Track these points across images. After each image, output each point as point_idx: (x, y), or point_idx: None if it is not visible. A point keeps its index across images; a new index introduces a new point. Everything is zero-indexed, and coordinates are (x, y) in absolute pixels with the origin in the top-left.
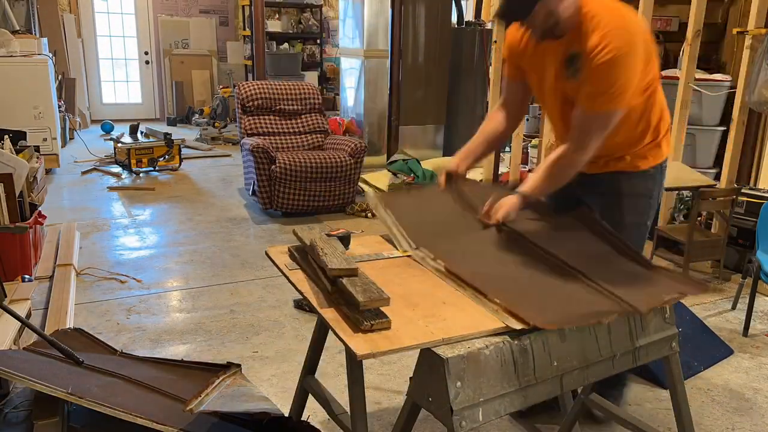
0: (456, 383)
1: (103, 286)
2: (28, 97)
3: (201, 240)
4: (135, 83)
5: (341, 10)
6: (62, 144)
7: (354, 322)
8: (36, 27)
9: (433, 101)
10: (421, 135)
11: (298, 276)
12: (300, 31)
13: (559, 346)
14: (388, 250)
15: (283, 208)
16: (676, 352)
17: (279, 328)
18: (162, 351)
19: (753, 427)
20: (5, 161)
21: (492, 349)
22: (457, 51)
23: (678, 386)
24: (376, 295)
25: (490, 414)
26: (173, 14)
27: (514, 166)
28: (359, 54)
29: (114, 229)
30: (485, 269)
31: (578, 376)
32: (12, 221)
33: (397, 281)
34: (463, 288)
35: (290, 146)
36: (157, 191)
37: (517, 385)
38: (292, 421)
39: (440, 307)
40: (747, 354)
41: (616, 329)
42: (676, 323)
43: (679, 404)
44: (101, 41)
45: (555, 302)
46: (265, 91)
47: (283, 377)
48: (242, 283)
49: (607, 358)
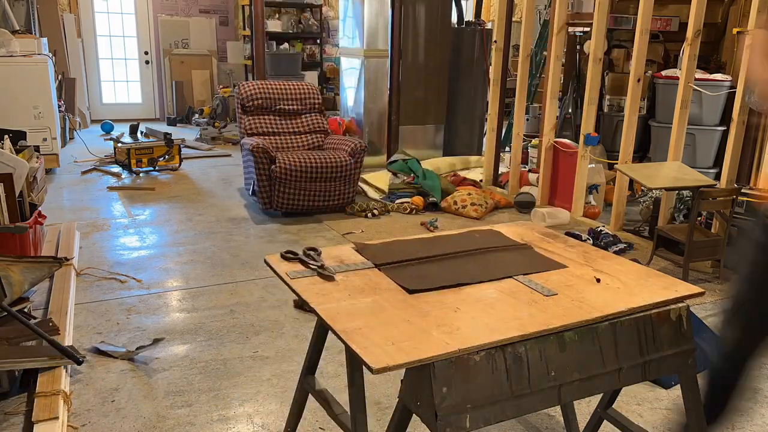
0: (442, 388)
1: (103, 286)
2: (28, 97)
3: (201, 240)
4: (135, 83)
5: (341, 10)
6: (62, 144)
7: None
8: (36, 27)
9: (433, 101)
10: (421, 135)
11: (299, 284)
12: (300, 31)
13: (557, 355)
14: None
15: (283, 208)
16: (693, 368)
17: (279, 328)
18: (162, 351)
19: (753, 427)
20: (5, 161)
21: (483, 356)
22: (457, 51)
23: (694, 405)
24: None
25: (479, 421)
26: (173, 14)
27: (514, 166)
28: (359, 54)
29: (114, 229)
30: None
31: (579, 388)
32: (12, 221)
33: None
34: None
35: (290, 146)
36: (157, 191)
37: (509, 394)
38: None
39: (452, 315)
40: None
41: (624, 341)
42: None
43: (695, 425)
44: (101, 41)
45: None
46: (265, 91)
47: (283, 377)
48: (242, 283)
49: (612, 371)
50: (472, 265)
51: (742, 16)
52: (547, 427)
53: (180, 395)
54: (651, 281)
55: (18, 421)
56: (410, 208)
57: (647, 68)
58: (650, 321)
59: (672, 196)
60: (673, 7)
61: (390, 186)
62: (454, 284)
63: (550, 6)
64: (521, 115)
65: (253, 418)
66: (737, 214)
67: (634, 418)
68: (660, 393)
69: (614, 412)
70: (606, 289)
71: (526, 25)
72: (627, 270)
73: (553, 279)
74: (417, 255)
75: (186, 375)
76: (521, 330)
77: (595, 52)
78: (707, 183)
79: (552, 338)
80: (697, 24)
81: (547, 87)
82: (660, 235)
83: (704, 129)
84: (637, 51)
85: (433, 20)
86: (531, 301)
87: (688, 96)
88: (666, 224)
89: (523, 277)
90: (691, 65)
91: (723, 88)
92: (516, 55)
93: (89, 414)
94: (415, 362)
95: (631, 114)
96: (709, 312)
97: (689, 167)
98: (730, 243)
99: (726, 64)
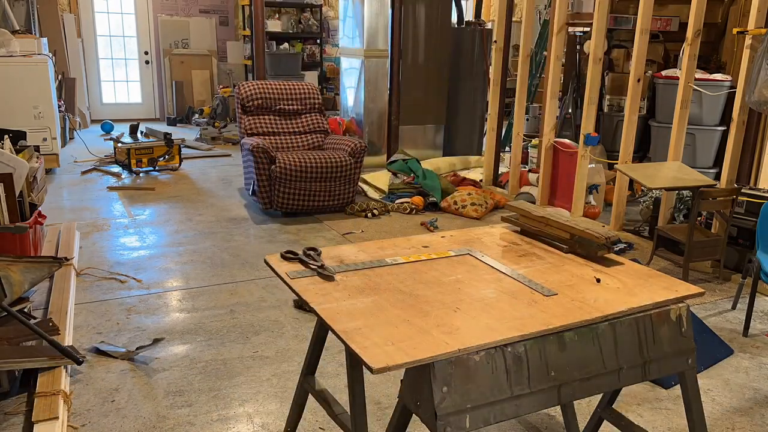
0: (442, 388)
1: (103, 286)
2: (28, 97)
3: (201, 240)
4: (135, 83)
5: (341, 10)
6: (62, 144)
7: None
8: (36, 27)
9: (433, 101)
10: (421, 135)
11: (299, 284)
12: (300, 31)
13: (557, 355)
14: (391, 256)
15: (283, 208)
16: (693, 368)
17: (279, 328)
18: (162, 351)
19: (753, 427)
20: (5, 161)
21: (483, 355)
22: (457, 51)
23: (694, 405)
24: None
25: (479, 421)
26: (173, 14)
27: (514, 166)
28: (359, 54)
29: (114, 229)
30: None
31: (578, 388)
32: (12, 221)
33: (404, 288)
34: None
35: (290, 146)
36: (157, 191)
37: (509, 394)
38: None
39: (452, 315)
40: (747, 354)
41: (624, 341)
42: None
43: (695, 425)
44: (101, 41)
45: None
46: (265, 91)
47: (283, 377)
48: (242, 283)
49: (612, 371)
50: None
51: (742, 16)
52: (547, 427)
53: (180, 395)
54: (651, 281)
55: (18, 421)
56: (410, 208)
57: (647, 68)
58: (650, 321)
59: (672, 196)
60: (673, 7)
61: (390, 186)
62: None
63: (550, 6)
64: (521, 115)
65: (253, 418)
66: (737, 214)
67: (634, 418)
68: (660, 393)
69: (614, 412)
70: (606, 289)
71: (526, 25)
72: (627, 270)
73: (553, 279)
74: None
75: (186, 375)
76: (521, 330)
77: (595, 52)
78: (707, 183)
79: (552, 338)
80: (697, 24)
81: (547, 87)
82: (660, 235)
83: (704, 129)
84: (637, 51)
85: (433, 20)
86: (531, 301)
87: (688, 96)
88: (666, 224)
89: (523, 277)
90: (691, 65)
91: (723, 88)
92: (516, 55)
93: (89, 414)
94: (415, 362)
95: (631, 114)
96: (709, 312)
97: (689, 167)
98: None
99: (726, 64)
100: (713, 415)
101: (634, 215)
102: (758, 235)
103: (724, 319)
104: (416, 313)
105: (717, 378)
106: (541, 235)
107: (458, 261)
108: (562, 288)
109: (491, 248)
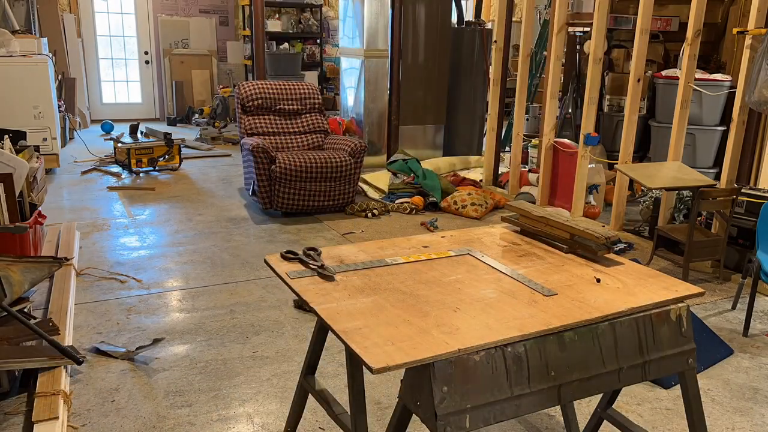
0: (442, 388)
1: (103, 286)
2: (28, 97)
3: (201, 240)
4: (135, 83)
5: (341, 10)
6: (62, 144)
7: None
8: (36, 27)
9: (433, 101)
10: (421, 135)
11: (299, 284)
12: (300, 31)
13: (557, 355)
14: (391, 256)
15: (283, 208)
16: (693, 368)
17: (279, 328)
18: (162, 351)
19: (753, 427)
20: (5, 161)
21: (483, 355)
22: (457, 51)
23: (694, 405)
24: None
25: (479, 421)
26: (173, 14)
27: (514, 166)
28: (359, 54)
29: (114, 229)
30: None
31: (578, 388)
32: (12, 221)
33: (404, 288)
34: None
35: (290, 146)
36: (157, 191)
37: (509, 394)
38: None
39: (452, 315)
40: (747, 354)
41: (624, 341)
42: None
43: (695, 425)
44: (101, 41)
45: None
46: (265, 91)
47: (283, 377)
48: (242, 283)
49: (612, 371)
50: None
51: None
52: (547, 427)
53: (180, 395)
54: (651, 281)
55: (18, 421)
56: (410, 208)
57: (647, 68)
58: (650, 321)
59: (672, 196)
60: (673, 7)
61: (390, 186)
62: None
63: (550, 6)
64: (521, 115)
65: (253, 418)
66: (737, 214)
67: (634, 418)
68: (660, 393)
69: (614, 412)
70: (606, 289)
71: (526, 25)
72: (627, 270)
73: (553, 279)
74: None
75: (186, 375)
76: (521, 330)
77: (595, 52)
78: (707, 183)
79: (552, 338)
80: (697, 24)
81: (547, 87)
82: (660, 235)
83: (704, 129)
84: (637, 51)
85: (433, 20)
86: (531, 301)
87: (688, 96)
88: (666, 224)
89: (523, 277)
90: (691, 65)
91: (723, 88)
92: (516, 55)
93: (89, 414)
94: (415, 362)
95: (631, 114)
96: (709, 312)
97: (689, 167)
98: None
99: (726, 64)
100: (713, 415)
101: (634, 215)
102: (758, 235)
103: (724, 319)
104: (416, 313)
105: (717, 378)
106: (541, 235)
107: (458, 261)
108: (562, 288)
109: (491, 248)
